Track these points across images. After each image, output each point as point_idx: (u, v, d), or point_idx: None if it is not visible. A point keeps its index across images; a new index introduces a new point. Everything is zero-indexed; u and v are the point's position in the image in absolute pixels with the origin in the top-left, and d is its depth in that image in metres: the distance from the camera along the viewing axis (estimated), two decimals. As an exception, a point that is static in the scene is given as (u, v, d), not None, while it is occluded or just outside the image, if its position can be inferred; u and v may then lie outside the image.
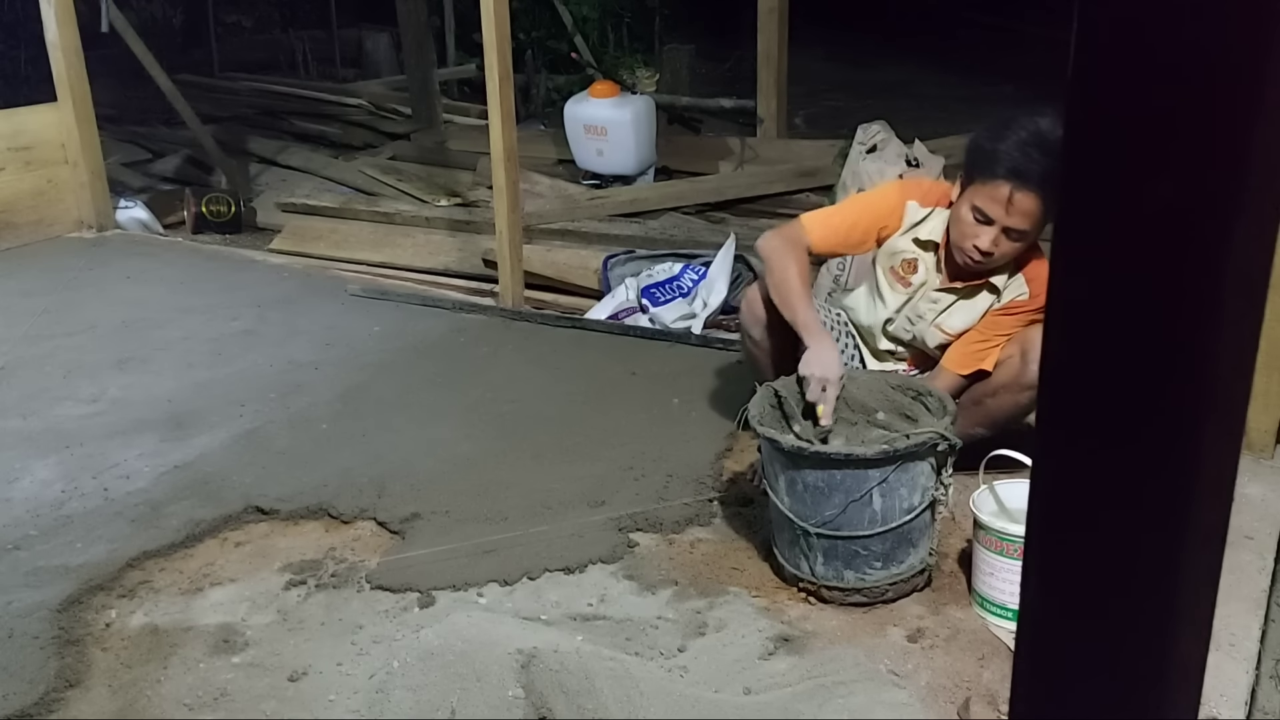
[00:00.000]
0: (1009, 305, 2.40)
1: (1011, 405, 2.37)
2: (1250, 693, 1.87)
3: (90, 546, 2.37)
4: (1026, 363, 2.31)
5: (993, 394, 2.38)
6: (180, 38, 9.98)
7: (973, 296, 2.44)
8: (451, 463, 2.70)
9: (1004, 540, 1.99)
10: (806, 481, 2.05)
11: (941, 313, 2.47)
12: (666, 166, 5.78)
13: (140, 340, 3.63)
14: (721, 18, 9.26)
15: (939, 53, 9.30)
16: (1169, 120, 0.45)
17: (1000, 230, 2.26)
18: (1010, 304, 2.40)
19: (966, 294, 2.45)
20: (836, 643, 1.98)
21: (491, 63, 3.52)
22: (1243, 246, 0.46)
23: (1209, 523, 0.51)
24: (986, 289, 2.42)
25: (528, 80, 7.92)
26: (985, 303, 2.43)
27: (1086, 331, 0.49)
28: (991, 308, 2.42)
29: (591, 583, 2.19)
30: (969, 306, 2.45)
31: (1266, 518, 2.35)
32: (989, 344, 2.41)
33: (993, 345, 2.40)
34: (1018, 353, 2.35)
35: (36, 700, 1.87)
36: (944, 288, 2.45)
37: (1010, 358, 2.37)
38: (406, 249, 4.79)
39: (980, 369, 2.40)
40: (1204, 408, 0.48)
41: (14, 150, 4.75)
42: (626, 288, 3.86)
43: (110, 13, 5.44)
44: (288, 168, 6.47)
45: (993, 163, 2.22)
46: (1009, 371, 2.36)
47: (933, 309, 2.47)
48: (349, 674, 1.93)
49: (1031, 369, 2.31)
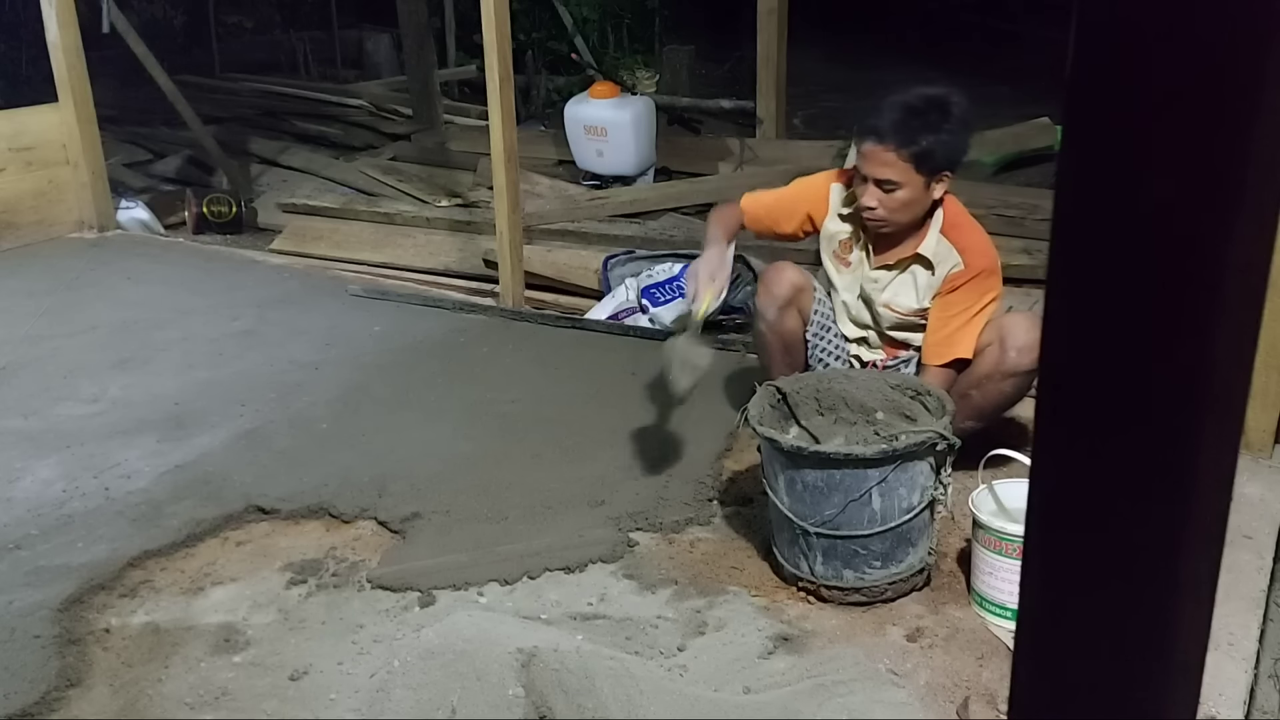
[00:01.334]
0: (949, 279, 2.44)
1: (996, 395, 2.40)
2: (1249, 692, 1.87)
3: (91, 546, 2.37)
4: (1004, 350, 2.35)
5: (977, 385, 2.40)
6: (181, 38, 9.98)
7: (908, 269, 2.50)
8: (452, 462, 2.70)
9: (1003, 540, 1.99)
10: (806, 481, 2.06)
11: (884, 290, 2.53)
12: (666, 167, 5.78)
13: (141, 340, 3.63)
14: (721, 19, 9.26)
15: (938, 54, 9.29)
16: (1169, 119, 0.45)
17: (874, 184, 2.38)
18: (949, 278, 2.44)
19: (900, 268, 2.51)
20: (836, 642, 1.98)
21: (492, 64, 3.52)
22: (1242, 246, 0.46)
23: (1208, 522, 0.51)
24: (917, 262, 2.48)
25: (528, 81, 7.92)
26: (924, 277, 2.48)
27: (1085, 330, 0.49)
28: (933, 285, 2.47)
29: (591, 582, 2.19)
30: (908, 281, 2.51)
31: (1265, 517, 2.35)
32: (952, 328, 2.43)
33: (957, 328, 2.42)
34: (996, 340, 2.38)
35: (38, 699, 1.87)
36: (878, 266, 2.53)
37: (989, 346, 2.39)
38: (407, 249, 4.79)
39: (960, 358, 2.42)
40: (1203, 407, 0.48)
41: (15, 151, 4.75)
42: (626, 288, 3.86)
43: (111, 13, 5.45)
44: (289, 168, 6.48)
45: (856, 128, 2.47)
46: (989, 361, 2.38)
47: (876, 288, 2.54)
48: (350, 673, 1.93)
49: (1010, 356, 2.34)
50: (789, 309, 2.55)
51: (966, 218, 2.51)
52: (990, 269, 2.44)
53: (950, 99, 2.38)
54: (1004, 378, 2.36)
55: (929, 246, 2.46)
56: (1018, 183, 5.29)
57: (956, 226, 2.47)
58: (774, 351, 2.59)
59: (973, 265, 2.42)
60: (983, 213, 4.61)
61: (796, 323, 2.58)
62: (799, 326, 2.58)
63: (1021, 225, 4.45)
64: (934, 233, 2.46)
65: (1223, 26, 0.44)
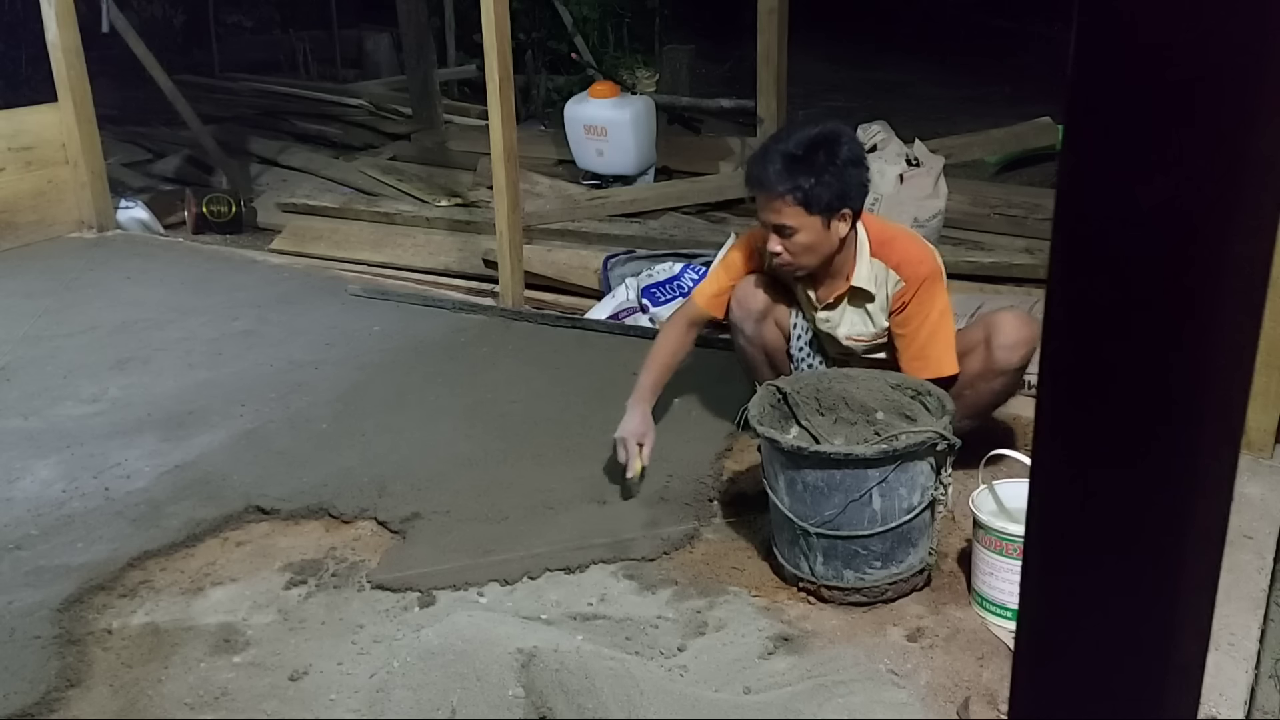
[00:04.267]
0: (896, 297, 2.43)
1: (988, 393, 2.40)
2: (1250, 692, 1.87)
3: (91, 546, 2.37)
4: (992, 349, 2.35)
5: (969, 384, 2.40)
6: (181, 38, 9.98)
7: (854, 304, 2.51)
8: (452, 462, 2.70)
9: (1003, 540, 1.99)
10: (806, 481, 2.06)
11: (839, 327, 2.54)
12: (666, 166, 5.78)
13: (141, 340, 3.63)
14: (721, 18, 9.26)
15: (939, 54, 9.30)
16: (1170, 119, 0.45)
17: (774, 231, 2.38)
18: (895, 296, 2.43)
19: (840, 304, 2.52)
20: (836, 642, 1.98)
21: (492, 63, 3.52)
22: (1242, 246, 0.46)
23: (1208, 522, 0.51)
24: (857, 294, 2.48)
25: (528, 81, 7.92)
26: (872, 303, 2.48)
27: (1086, 330, 0.49)
28: (883, 307, 2.47)
29: (591, 582, 2.19)
30: (857, 313, 2.52)
31: (1266, 517, 2.35)
32: (920, 342, 2.41)
33: (925, 341, 2.40)
34: (982, 339, 2.38)
35: (38, 700, 1.87)
36: (822, 306, 2.54)
37: (977, 346, 2.39)
38: (407, 249, 4.79)
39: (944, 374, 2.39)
40: (1204, 407, 0.48)
41: (14, 150, 4.75)
42: (627, 288, 3.86)
43: (111, 13, 5.45)
44: (288, 168, 6.47)
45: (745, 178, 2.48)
46: (978, 360, 2.39)
47: (830, 326, 2.55)
48: (349, 673, 1.93)
49: (998, 355, 2.35)
50: (765, 321, 2.58)
51: (893, 231, 2.51)
52: (930, 274, 2.40)
53: (836, 138, 2.37)
54: (994, 376, 2.37)
55: (861, 276, 2.45)
56: (1019, 182, 5.30)
57: (885, 244, 2.45)
58: (758, 365, 2.61)
59: (912, 277, 2.40)
60: (986, 212, 4.64)
61: (775, 334, 2.60)
62: (778, 337, 2.61)
63: (1023, 224, 4.46)
64: (863, 260, 2.45)
65: (1223, 26, 0.44)
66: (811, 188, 2.30)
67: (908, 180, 3.61)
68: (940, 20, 9.95)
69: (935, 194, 3.66)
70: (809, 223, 2.35)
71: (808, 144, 2.34)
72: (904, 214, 3.62)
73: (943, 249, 3.94)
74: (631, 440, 2.47)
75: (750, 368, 2.65)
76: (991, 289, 3.85)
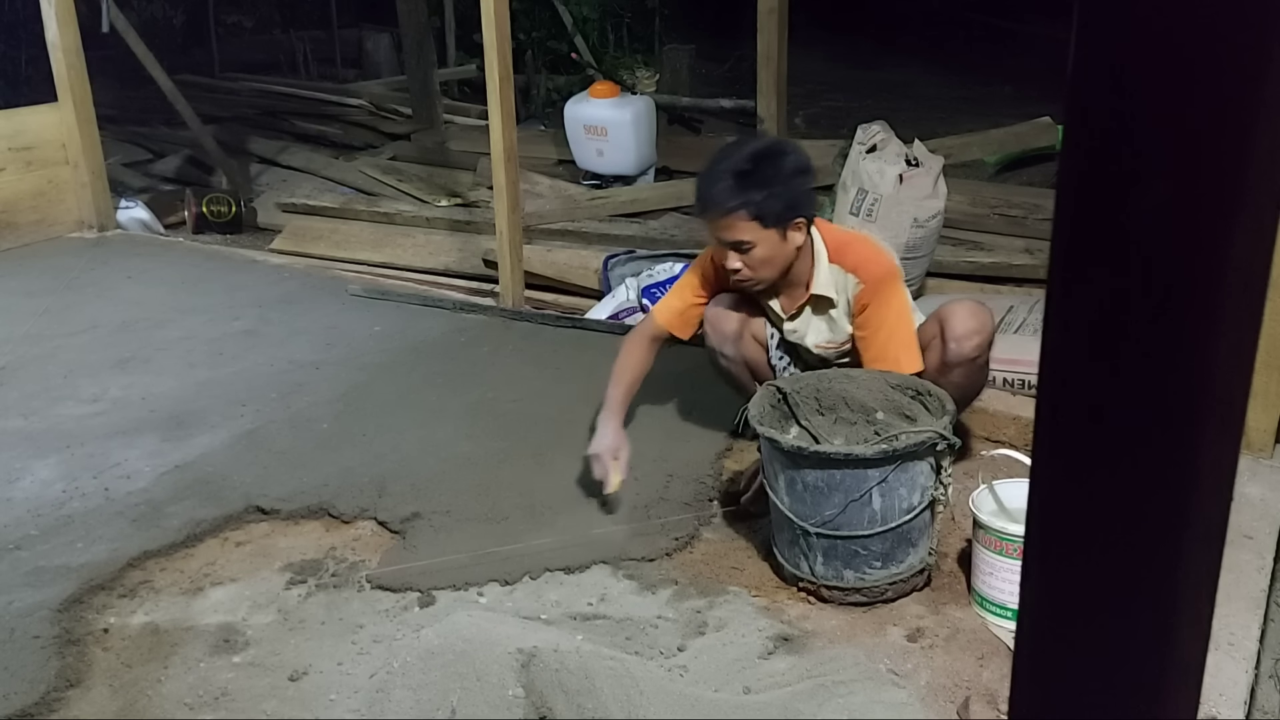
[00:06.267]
0: (856, 300, 2.44)
1: (951, 387, 2.35)
2: (1250, 692, 1.87)
3: (91, 546, 2.37)
4: (945, 342, 2.36)
5: (931, 380, 2.38)
6: (181, 38, 9.99)
7: (818, 313, 2.51)
8: (452, 462, 2.70)
9: (1003, 540, 1.99)
10: (806, 481, 2.06)
11: (806, 336, 2.55)
12: (666, 166, 5.78)
13: (141, 340, 3.63)
14: (721, 18, 9.26)
15: (939, 54, 9.30)
16: (1170, 119, 0.45)
17: (730, 249, 2.39)
18: (855, 299, 2.44)
19: (803, 314, 2.53)
20: (836, 642, 1.98)
21: (492, 63, 3.52)
22: (1242, 246, 0.46)
23: (1208, 522, 0.51)
24: (819, 302, 2.49)
25: (528, 80, 7.92)
26: (835, 309, 2.49)
27: (1086, 331, 0.49)
28: (846, 311, 2.47)
29: (592, 582, 2.19)
30: (821, 320, 2.53)
31: (1266, 517, 2.35)
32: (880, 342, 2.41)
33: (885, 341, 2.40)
34: (937, 333, 2.39)
35: (37, 700, 1.87)
36: (787, 317, 2.55)
37: (933, 340, 2.40)
38: (407, 249, 4.79)
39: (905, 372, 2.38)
40: (1204, 407, 0.48)
41: (15, 150, 4.75)
42: (627, 288, 3.86)
43: (111, 13, 5.45)
44: (288, 168, 6.47)
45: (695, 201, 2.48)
46: (935, 355, 2.39)
47: (798, 336, 2.56)
48: (349, 673, 1.93)
49: (950, 347, 2.35)
50: (742, 339, 2.59)
51: (847, 236, 2.53)
52: (886, 274, 2.41)
53: (780, 150, 2.39)
54: (951, 368, 2.36)
55: (820, 283, 2.46)
56: (1019, 182, 5.29)
57: (841, 249, 2.46)
58: (745, 381, 2.62)
59: (870, 278, 2.41)
60: (985, 212, 4.63)
61: (755, 348, 2.62)
62: (758, 350, 2.63)
63: (1023, 225, 4.46)
64: (821, 267, 2.46)
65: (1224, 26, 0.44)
66: (763, 200, 2.31)
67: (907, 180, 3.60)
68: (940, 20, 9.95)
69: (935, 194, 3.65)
70: (764, 236, 2.36)
71: (752, 158, 2.35)
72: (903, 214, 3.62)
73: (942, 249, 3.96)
74: (606, 455, 2.45)
75: (738, 386, 2.65)
76: (991, 289, 3.85)
